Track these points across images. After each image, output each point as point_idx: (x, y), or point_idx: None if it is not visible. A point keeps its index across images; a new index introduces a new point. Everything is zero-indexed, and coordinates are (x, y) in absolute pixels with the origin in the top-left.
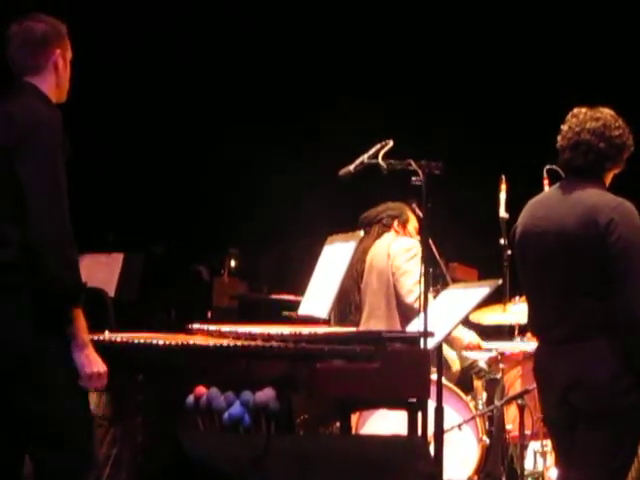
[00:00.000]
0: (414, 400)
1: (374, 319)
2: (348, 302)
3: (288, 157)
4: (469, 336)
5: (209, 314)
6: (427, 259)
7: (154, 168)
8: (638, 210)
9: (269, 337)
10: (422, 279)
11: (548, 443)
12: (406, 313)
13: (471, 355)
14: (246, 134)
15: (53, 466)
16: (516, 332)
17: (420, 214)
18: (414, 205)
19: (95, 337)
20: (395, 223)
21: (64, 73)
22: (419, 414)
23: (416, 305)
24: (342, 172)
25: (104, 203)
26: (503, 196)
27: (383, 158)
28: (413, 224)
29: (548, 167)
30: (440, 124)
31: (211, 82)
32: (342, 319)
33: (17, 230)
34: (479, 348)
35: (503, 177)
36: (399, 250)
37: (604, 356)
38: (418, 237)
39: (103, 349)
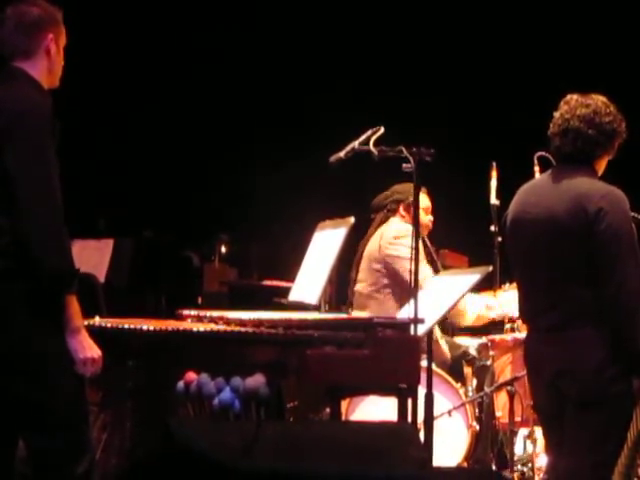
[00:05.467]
0: (404, 386)
1: (367, 307)
2: (345, 291)
3: (280, 144)
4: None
5: (199, 300)
6: (417, 246)
7: (145, 155)
8: (629, 199)
9: (259, 323)
10: (412, 265)
11: (537, 430)
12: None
13: (463, 342)
14: (238, 122)
15: (48, 450)
16: (506, 320)
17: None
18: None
19: (85, 322)
20: (401, 208)
21: (56, 59)
22: (409, 400)
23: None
24: (333, 158)
25: (95, 190)
26: (494, 183)
27: (374, 145)
28: (421, 205)
29: (539, 154)
30: (431, 111)
31: (203, 73)
32: (339, 307)
33: (8, 217)
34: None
35: (494, 164)
36: (388, 240)
37: (592, 344)
38: (430, 217)
39: (93, 334)
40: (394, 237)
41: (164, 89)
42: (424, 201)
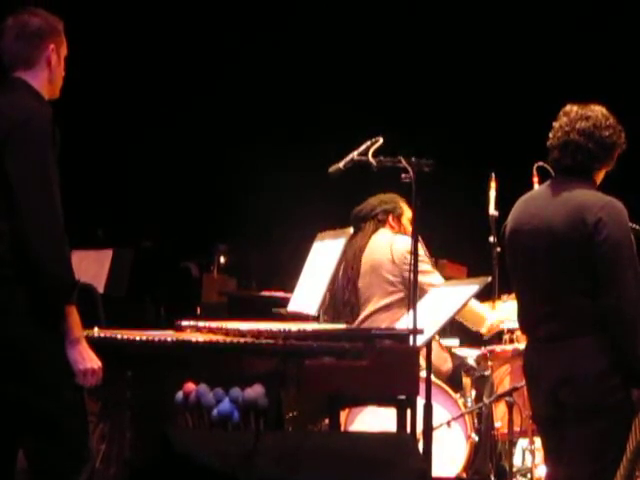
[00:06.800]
0: (403, 397)
1: (375, 318)
2: (343, 301)
3: (279, 155)
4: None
5: (198, 310)
6: (416, 256)
7: (143, 164)
8: (628, 209)
9: (258, 334)
10: (411, 275)
11: (536, 440)
12: None
13: (461, 353)
14: (237, 132)
15: (48, 460)
16: (505, 330)
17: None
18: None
19: (85, 333)
20: (390, 218)
21: (57, 69)
22: (408, 411)
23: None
24: (332, 169)
25: (93, 199)
26: (493, 193)
27: (373, 155)
28: (407, 216)
29: (538, 165)
30: (430, 121)
31: (204, 82)
32: (337, 318)
33: (8, 225)
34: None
35: (493, 174)
36: (402, 253)
37: (592, 354)
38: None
39: (92, 345)
40: (408, 252)
41: (163, 99)
42: (408, 212)
